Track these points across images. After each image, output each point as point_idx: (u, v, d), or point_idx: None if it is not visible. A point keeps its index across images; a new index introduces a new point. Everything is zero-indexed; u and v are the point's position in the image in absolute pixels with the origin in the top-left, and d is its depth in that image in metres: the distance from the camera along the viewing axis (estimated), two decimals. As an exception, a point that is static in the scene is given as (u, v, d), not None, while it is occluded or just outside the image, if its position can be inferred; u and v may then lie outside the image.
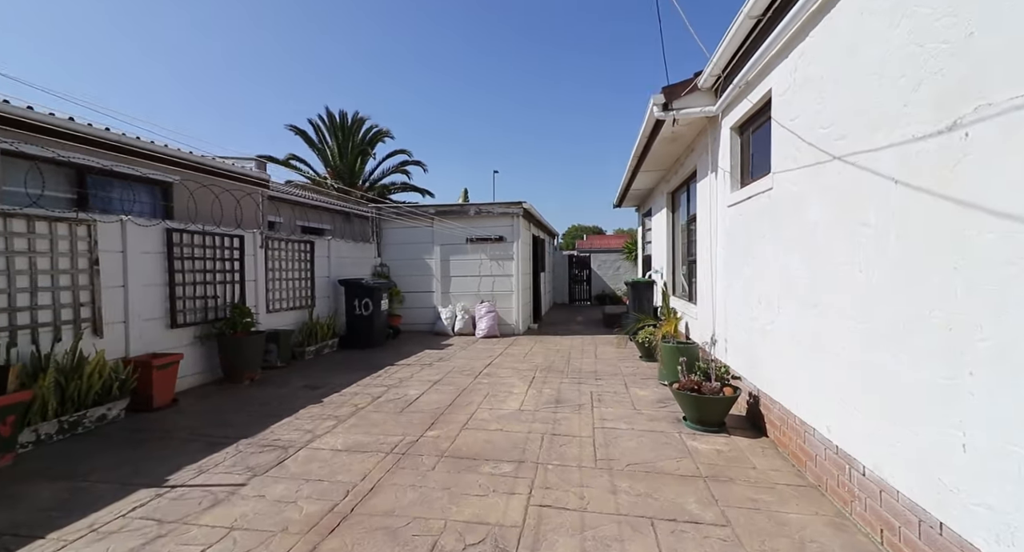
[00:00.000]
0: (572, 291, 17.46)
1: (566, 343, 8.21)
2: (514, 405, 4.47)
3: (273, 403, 4.61)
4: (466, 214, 9.31)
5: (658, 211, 9.24)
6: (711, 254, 4.98)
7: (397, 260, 9.66)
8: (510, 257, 9.28)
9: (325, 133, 21.60)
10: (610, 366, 6.21)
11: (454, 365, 6.30)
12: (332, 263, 7.97)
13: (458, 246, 9.44)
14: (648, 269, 10.69)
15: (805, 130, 2.88)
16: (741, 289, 4.13)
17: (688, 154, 6.26)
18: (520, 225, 9.27)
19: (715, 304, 4.93)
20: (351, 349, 7.53)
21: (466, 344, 8.11)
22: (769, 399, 3.52)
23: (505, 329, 9.25)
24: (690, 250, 6.83)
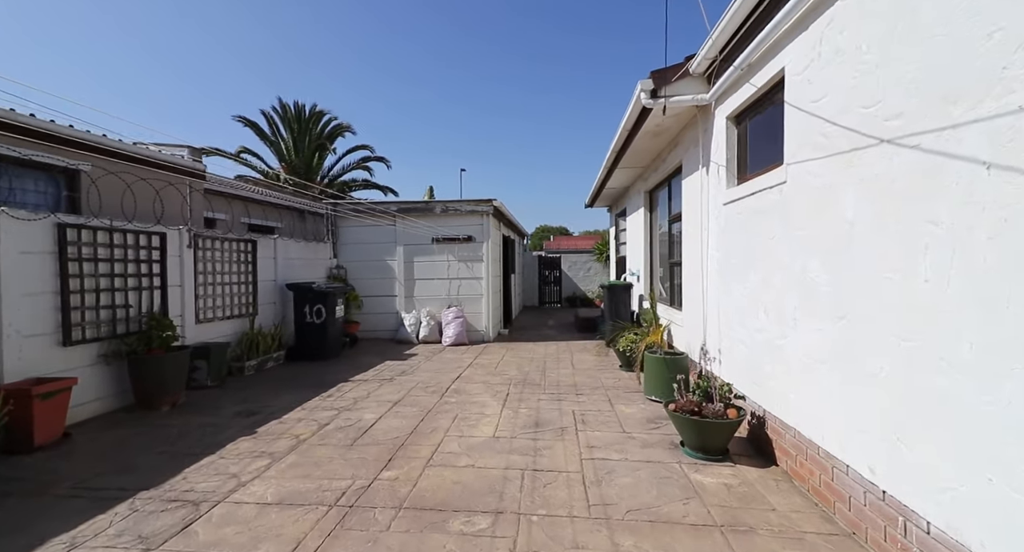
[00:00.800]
0: (542, 293, 17.01)
1: (540, 350, 7.68)
2: (487, 431, 3.86)
3: (194, 436, 3.80)
4: (432, 212, 8.62)
5: (634, 211, 8.88)
6: (701, 256, 4.56)
7: (355, 262, 8.84)
8: (479, 258, 8.66)
9: (279, 125, 20.23)
10: (590, 377, 5.71)
11: (418, 380, 5.61)
12: (279, 265, 7.09)
13: (423, 246, 8.73)
14: (622, 271, 10.35)
15: (835, 112, 2.45)
16: (742, 296, 3.71)
17: (672, 149, 5.86)
18: (490, 224, 8.67)
19: (706, 311, 4.51)
20: (301, 362, 6.69)
21: (432, 353, 7.42)
22: (780, 423, 3.08)
23: (474, 336, 8.62)
24: (672, 252, 6.45)
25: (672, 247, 6.45)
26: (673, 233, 6.41)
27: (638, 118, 5.08)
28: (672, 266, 6.46)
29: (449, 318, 8.31)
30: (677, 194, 6.08)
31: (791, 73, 2.91)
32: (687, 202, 5.24)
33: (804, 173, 2.75)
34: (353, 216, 8.69)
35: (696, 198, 4.82)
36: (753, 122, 3.80)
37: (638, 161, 7.18)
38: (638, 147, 6.25)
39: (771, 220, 3.19)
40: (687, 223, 5.26)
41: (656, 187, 7.30)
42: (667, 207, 6.62)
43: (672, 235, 6.45)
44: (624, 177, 8.48)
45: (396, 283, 8.79)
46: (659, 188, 7.19)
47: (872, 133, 2.16)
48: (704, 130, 4.53)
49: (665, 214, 6.86)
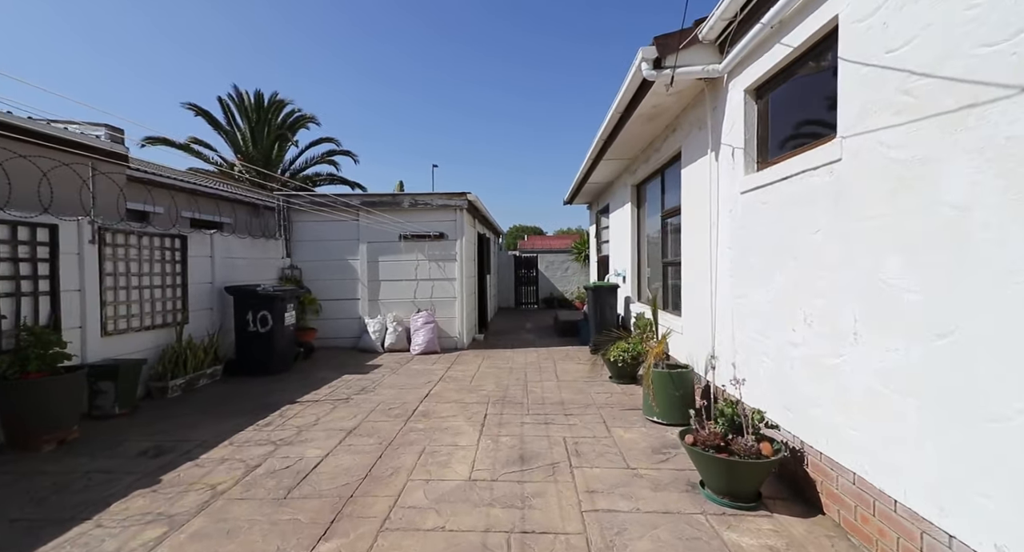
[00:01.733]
0: (519, 294, 16.33)
1: (520, 359, 6.96)
2: (462, 470, 3.11)
3: (74, 489, 2.88)
4: (399, 206, 7.77)
5: (618, 207, 8.29)
6: (710, 255, 3.95)
7: (312, 261, 7.88)
8: (452, 258, 7.87)
9: (235, 114, 18.79)
10: (578, 392, 5.03)
11: (380, 399, 4.79)
12: (218, 265, 6.10)
13: (390, 244, 7.87)
14: (605, 272, 9.77)
15: (932, 60, 1.83)
16: (765, 301, 3.10)
17: (668, 135, 5.25)
18: (464, 220, 7.89)
19: (716, 318, 3.90)
20: (242, 378, 5.73)
21: (398, 364, 6.59)
22: (828, 462, 2.47)
23: (447, 342, 7.82)
24: (666, 250, 5.86)
25: (666, 245, 5.85)
26: (668, 229, 5.81)
27: (635, 95, 4.43)
28: (666, 266, 5.87)
29: (418, 324, 7.49)
30: (674, 186, 5.48)
31: (849, 20, 2.30)
32: (689, 194, 4.64)
33: (874, 146, 2.13)
34: (310, 210, 7.73)
35: (701, 189, 4.21)
36: (780, 94, 3.19)
37: (626, 152, 6.56)
38: (629, 134, 5.62)
39: (813, 209, 2.58)
40: (688, 218, 4.65)
41: (646, 180, 6.70)
42: (659, 201, 6.03)
43: (667, 232, 5.86)
44: (609, 170, 7.87)
45: (359, 285, 7.88)
46: (649, 181, 6.59)
47: (1006, 79, 1.54)
48: (713, 109, 3.92)
49: (656, 209, 6.27)
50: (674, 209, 5.38)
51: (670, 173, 5.63)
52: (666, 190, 5.84)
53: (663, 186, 5.90)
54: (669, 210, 5.64)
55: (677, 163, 5.16)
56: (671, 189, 5.66)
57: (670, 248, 5.78)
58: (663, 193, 5.90)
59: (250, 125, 18.98)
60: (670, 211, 5.59)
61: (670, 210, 5.58)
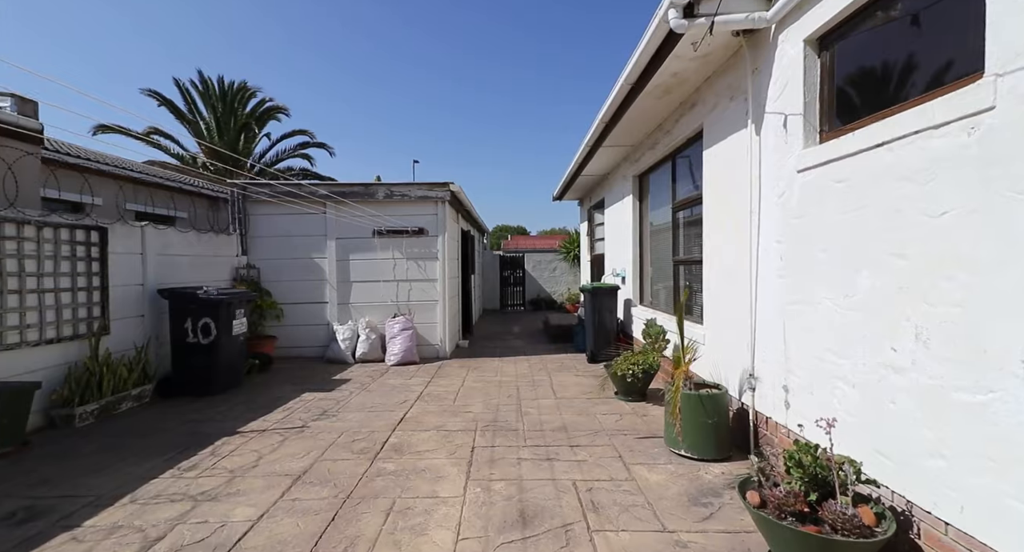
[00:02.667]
0: (504, 295, 15.53)
1: (510, 369, 6.16)
2: (443, 541, 2.29)
3: None
4: (373, 197, 6.88)
5: (616, 201, 7.58)
6: (751, 250, 3.22)
7: (273, 260, 6.92)
8: (433, 256, 7.02)
9: (198, 102, 17.56)
10: (582, 413, 4.26)
11: (343, 428, 3.93)
12: (152, 263, 5.12)
13: (363, 241, 6.97)
14: (599, 272, 9.05)
15: None
16: (846, 310, 2.37)
17: (684, 114, 4.53)
18: (447, 214, 7.05)
19: (756, 328, 3.18)
20: (178, 399, 4.78)
21: (370, 378, 5.71)
22: (963, 538, 1.75)
23: (427, 351, 6.97)
24: (679, 247, 5.14)
25: (678, 241, 5.14)
26: (680, 223, 5.10)
27: (653, 57, 3.68)
28: (678, 265, 5.15)
29: (395, 330, 6.62)
30: (689, 173, 4.77)
31: (1014, -98, 1.57)
32: (714, 179, 3.91)
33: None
34: (270, 201, 6.77)
35: (733, 172, 3.49)
36: (856, 41, 2.48)
37: (629, 137, 5.84)
38: (636, 113, 4.88)
39: (936, 183, 1.86)
40: (713, 207, 3.93)
41: (651, 169, 5.99)
42: (669, 191, 5.31)
43: (678, 226, 5.14)
44: (607, 160, 7.15)
45: (327, 287, 6.96)
46: (655, 169, 5.88)
47: None
48: (755, 70, 3.19)
49: (664, 200, 5.55)
50: (690, 199, 4.67)
51: (684, 158, 4.91)
52: (678, 178, 5.13)
53: (674, 174, 5.18)
54: (683, 201, 4.92)
55: (695, 145, 4.44)
56: (685, 177, 4.94)
57: (683, 244, 5.07)
58: (674, 182, 5.19)
59: (215, 115, 17.78)
60: (684, 202, 4.87)
61: (684, 201, 4.87)
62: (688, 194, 4.78)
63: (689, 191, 4.78)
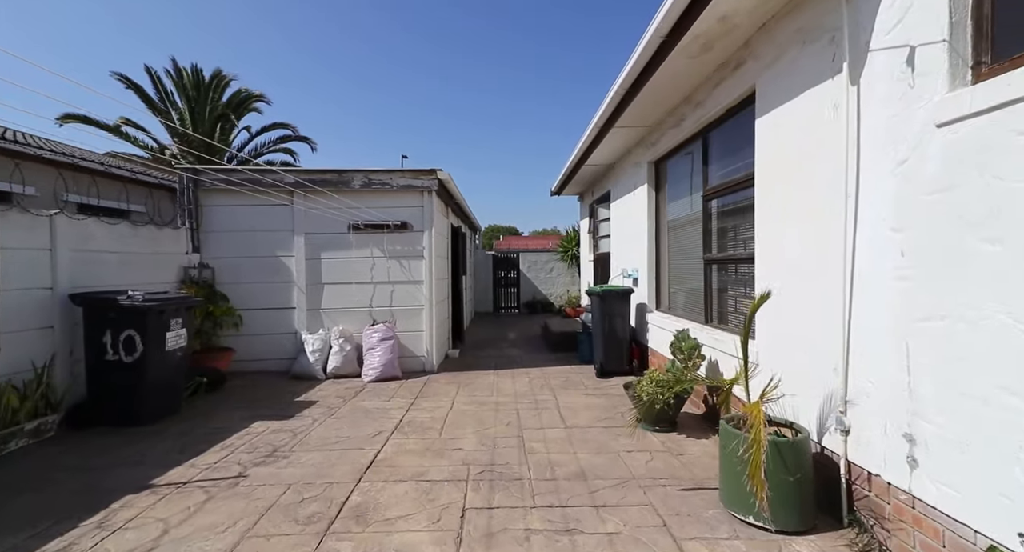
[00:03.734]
0: (497, 297, 14.62)
1: (507, 386, 5.26)
2: None
3: None
4: (348, 186, 5.94)
5: (625, 192, 6.72)
6: (844, 242, 2.36)
7: (231, 259, 5.95)
8: (419, 254, 6.10)
9: (172, 91, 16.45)
10: (602, 450, 3.38)
11: (291, 479, 2.99)
12: (65, 262, 4.12)
13: (336, 237, 6.03)
14: (604, 272, 8.20)
15: None
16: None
17: (724, 78, 3.67)
18: (434, 206, 6.13)
19: (849, 350, 2.33)
20: (92, 431, 3.80)
21: (341, 400, 4.77)
22: None
23: (411, 364, 6.04)
24: (710, 242, 4.28)
25: (710, 235, 4.28)
26: (715, 214, 4.25)
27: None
28: (710, 265, 4.29)
29: (374, 340, 5.68)
30: (730, 150, 3.91)
31: None
32: (775, 152, 3.05)
33: None
34: (226, 189, 5.80)
35: (810, 138, 2.64)
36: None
37: (646, 114, 4.98)
38: (662, 81, 4.02)
39: None
40: (774, 189, 3.07)
41: (672, 152, 5.13)
42: (700, 177, 4.45)
43: (712, 216, 4.29)
44: (617, 144, 6.29)
45: (294, 290, 6.00)
46: (678, 153, 5.02)
47: None
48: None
49: (691, 188, 4.70)
50: (731, 183, 3.81)
51: (722, 134, 4.06)
52: (711, 159, 4.27)
53: (705, 155, 4.32)
54: (718, 187, 4.06)
55: (742, 115, 3.60)
56: (722, 157, 4.09)
57: (716, 239, 4.21)
58: (705, 165, 4.33)
59: (190, 105, 16.68)
60: (721, 187, 4.01)
61: (721, 186, 4.01)
62: (727, 177, 3.92)
63: (728, 174, 3.93)
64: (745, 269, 3.69)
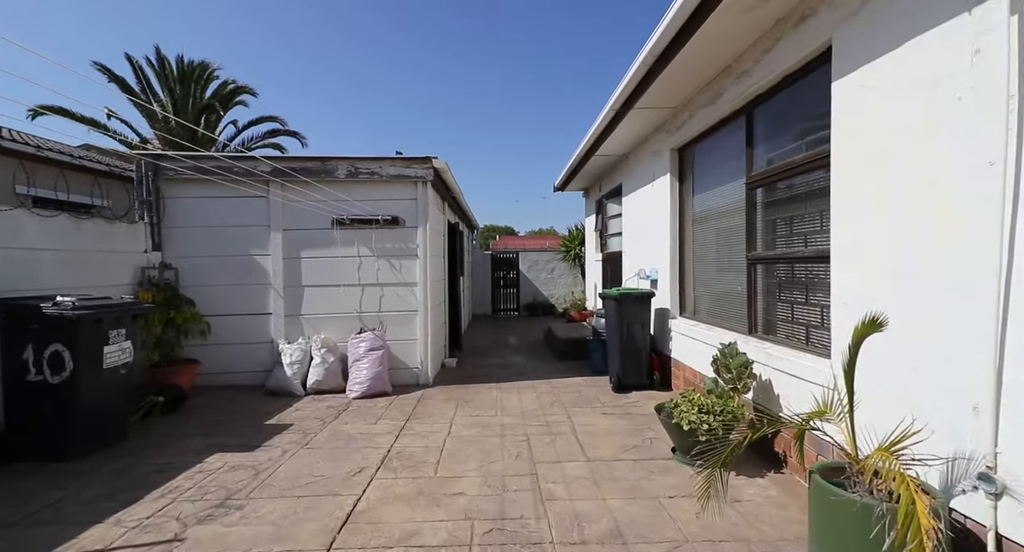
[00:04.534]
0: (496, 299, 13.94)
1: (512, 404, 4.59)
2: None
3: None
4: (332, 176, 5.25)
5: (642, 185, 6.07)
6: (1001, 234, 1.71)
7: (198, 258, 5.24)
8: (412, 253, 5.42)
9: (154, 82, 15.70)
10: (637, 496, 2.71)
11: (241, 544, 2.31)
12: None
13: (319, 233, 5.34)
14: (614, 273, 7.55)
15: None
16: None
17: (782, 36, 3.01)
18: (429, 199, 5.45)
19: (1003, 383, 1.68)
20: (11, 467, 3.10)
21: (320, 422, 4.08)
22: None
23: (403, 377, 5.36)
24: (755, 238, 3.63)
25: (755, 229, 3.63)
26: (760, 203, 3.59)
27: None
28: (755, 264, 3.64)
29: (360, 351, 5.00)
30: (792, 124, 3.27)
31: None
32: (862, 121, 2.39)
33: None
34: (191, 178, 5.09)
35: (930, 94, 1.99)
36: None
37: (674, 92, 4.34)
38: (698, 48, 3.38)
39: None
40: (857, 170, 2.41)
41: (702, 136, 4.49)
42: (742, 161, 3.80)
43: (757, 207, 3.64)
44: (633, 131, 5.64)
45: (270, 293, 5.31)
46: (710, 135, 4.38)
47: None
48: None
49: (730, 175, 4.05)
50: (787, 167, 3.15)
51: (775, 107, 3.40)
52: (758, 140, 3.62)
53: (750, 135, 3.67)
54: (769, 172, 3.41)
55: (803, 82, 2.95)
56: (773, 135, 3.44)
57: (763, 234, 3.57)
58: (750, 146, 3.68)
59: (173, 97, 15.94)
60: (772, 172, 3.36)
61: (772, 171, 3.36)
62: (782, 160, 3.27)
63: (783, 155, 3.28)
64: (807, 269, 3.05)
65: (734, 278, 3.98)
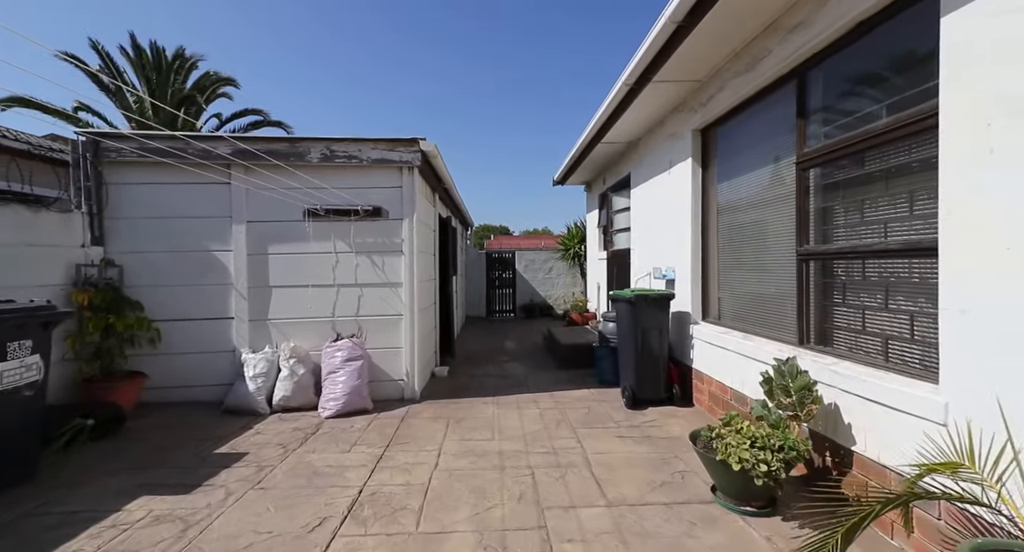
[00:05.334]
0: (491, 299, 13.27)
1: (512, 423, 3.93)
2: None
3: None
4: (304, 159, 4.56)
5: (656, 173, 5.44)
6: None
7: (147, 253, 4.53)
8: (396, 249, 4.74)
9: (129, 71, 14.90)
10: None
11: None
12: None
13: (288, 226, 4.65)
14: (621, 273, 6.92)
15: None
16: None
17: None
18: (416, 187, 4.77)
19: None
20: None
21: (281, 451, 3.39)
22: None
23: (385, 390, 4.69)
24: (806, 230, 3.00)
25: (807, 218, 2.99)
26: (815, 188, 2.96)
27: None
28: (807, 261, 3.01)
29: (336, 361, 4.32)
30: (863, 84, 2.63)
31: None
32: (993, 64, 1.76)
33: None
34: (138, 161, 4.38)
35: None
36: None
37: (703, 59, 3.70)
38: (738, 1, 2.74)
39: None
40: (992, 132, 1.78)
41: (735, 111, 3.86)
42: (791, 137, 3.16)
43: (810, 192, 3.00)
44: (647, 112, 5.00)
45: (232, 295, 4.60)
46: (745, 110, 3.74)
47: None
48: None
49: (774, 154, 3.42)
50: (858, 139, 2.51)
51: (839, 65, 2.76)
52: (812, 109, 2.99)
53: (802, 103, 3.04)
54: (831, 147, 2.77)
55: (883, 29, 2.32)
56: (836, 101, 2.81)
57: (817, 224, 2.94)
58: (802, 117, 3.04)
59: (150, 87, 15.13)
60: (837, 147, 2.72)
61: (836, 146, 2.71)
62: (850, 130, 2.64)
63: (850, 125, 2.65)
64: (886, 266, 2.42)
65: (778, 277, 3.35)
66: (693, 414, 4.16)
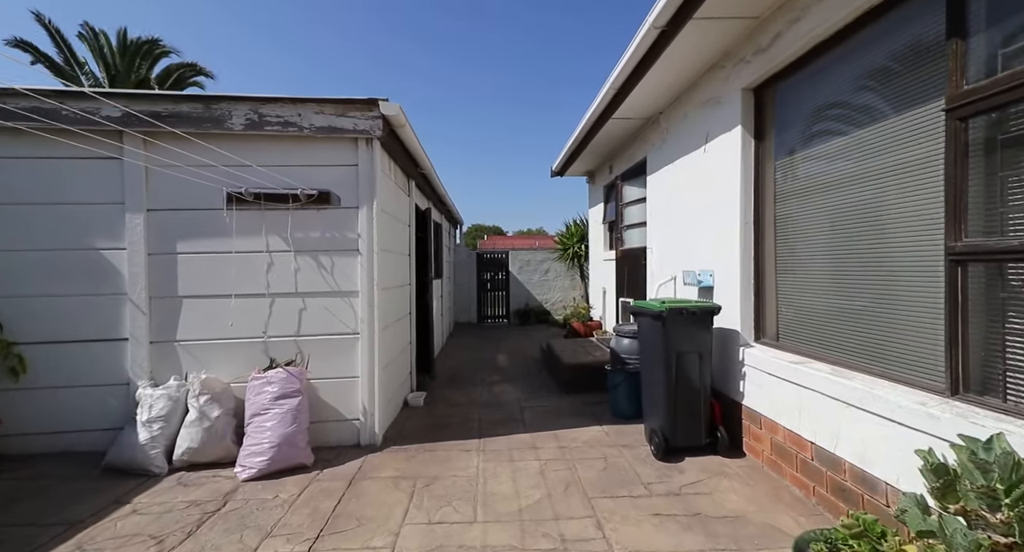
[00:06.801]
0: (482, 304, 12.11)
1: (502, 492, 2.79)
2: None
3: None
4: (223, 126, 3.39)
5: (682, 155, 4.34)
6: None
7: (2, 253, 3.34)
8: (351, 246, 3.58)
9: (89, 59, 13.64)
10: None
11: None
12: None
13: (204, 215, 3.47)
14: (634, 277, 5.81)
15: None
16: None
17: None
18: (377, 164, 3.62)
19: None
20: None
21: (155, 547, 2.23)
22: None
23: (333, 434, 3.53)
24: (961, 217, 1.87)
25: (964, 201, 1.87)
26: (998, 142, 1.84)
27: None
28: (961, 264, 1.89)
29: (264, 399, 3.15)
30: None
31: None
32: None
33: None
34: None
35: None
36: None
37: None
38: None
39: None
40: None
41: (818, 50, 2.75)
42: (935, 68, 2.06)
43: (974, 157, 1.89)
44: (678, 71, 3.90)
45: (126, 308, 3.42)
46: (836, 48, 2.63)
47: None
48: None
49: (901, 100, 2.31)
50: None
51: None
52: (975, 24, 1.88)
53: (959, 16, 1.93)
54: (1011, 79, 1.67)
55: None
56: (1016, 11, 1.69)
57: (983, 206, 1.82)
58: (961, 35, 1.94)
59: (110, 74, 13.84)
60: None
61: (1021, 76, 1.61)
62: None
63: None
64: None
65: (899, 288, 2.24)
66: (749, 471, 3.05)
